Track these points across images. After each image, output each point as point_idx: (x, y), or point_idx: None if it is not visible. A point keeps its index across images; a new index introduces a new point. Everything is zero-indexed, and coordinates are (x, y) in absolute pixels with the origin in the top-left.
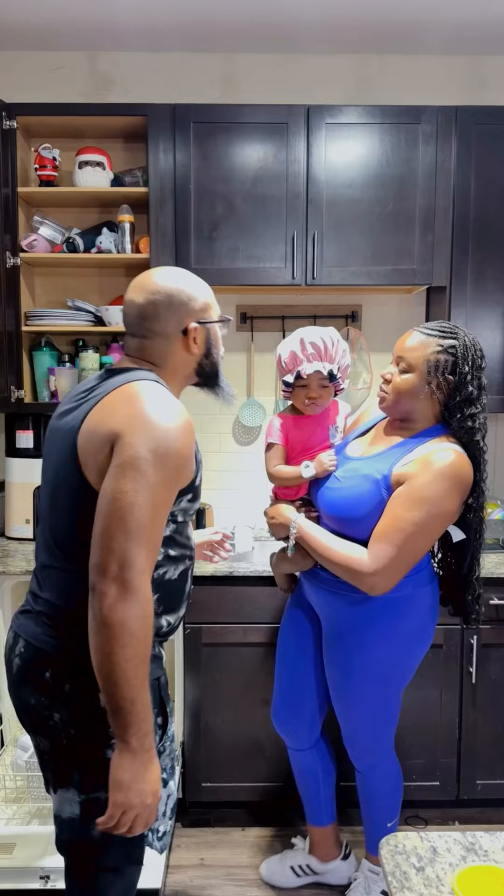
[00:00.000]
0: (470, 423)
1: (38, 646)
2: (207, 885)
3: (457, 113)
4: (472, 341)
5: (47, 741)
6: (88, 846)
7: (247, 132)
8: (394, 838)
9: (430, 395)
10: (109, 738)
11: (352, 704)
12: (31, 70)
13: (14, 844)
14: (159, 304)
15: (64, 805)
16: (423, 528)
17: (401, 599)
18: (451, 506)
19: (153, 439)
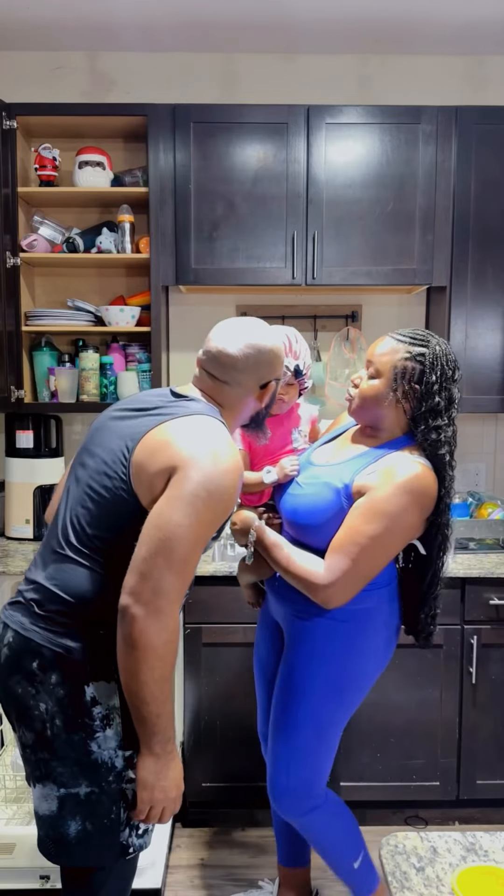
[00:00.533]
0: (434, 436)
1: (27, 636)
2: (207, 885)
3: (457, 113)
4: (444, 351)
5: (31, 732)
6: (64, 844)
7: (247, 132)
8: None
9: (395, 403)
10: (94, 732)
11: (294, 728)
12: (31, 70)
13: (14, 844)
14: (252, 359)
15: (41, 801)
16: (380, 543)
17: (361, 612)
18: (412, 520)
19: (211, 481)
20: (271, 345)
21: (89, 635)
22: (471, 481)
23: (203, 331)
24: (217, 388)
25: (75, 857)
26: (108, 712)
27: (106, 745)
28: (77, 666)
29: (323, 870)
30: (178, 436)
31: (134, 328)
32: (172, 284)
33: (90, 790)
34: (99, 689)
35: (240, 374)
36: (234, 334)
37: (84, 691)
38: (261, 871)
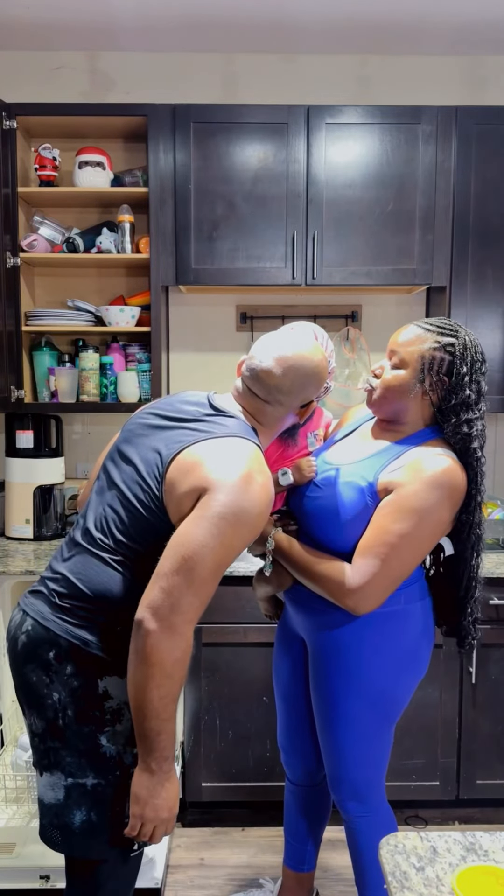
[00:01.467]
0: (466, 430)
1: (46, 625)
2: (207, 885)
3: (457, 113)
4: (473, 342)
5: (42, 721)
6: (68, 833)
7: (247, 132)
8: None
9: (421, 395)
10: (104, 725)
11: (337, 737)
12: (31, 70)
13: (14, 844)
14: (298, 382)
15: (47, 790)
16: (411, 541)
17: (390, 616)
18: (443, 516)
19: (240, 505)
20: (316, 365)
21: (107, 630)
22: None
23: (203, 331)
24: (259, 407)
25: (78, 848)
26: (120, 707)
27: (115, 741)
28: (92, 659)
29: (323, 870)
30: (212, 458)
31: (134, 328)
32: (172, 284)
33: (97, 782)
34: (112, 684)
35: (284, 396)
36: (280, 353)
37: (97, 684)
38: (261, 871)
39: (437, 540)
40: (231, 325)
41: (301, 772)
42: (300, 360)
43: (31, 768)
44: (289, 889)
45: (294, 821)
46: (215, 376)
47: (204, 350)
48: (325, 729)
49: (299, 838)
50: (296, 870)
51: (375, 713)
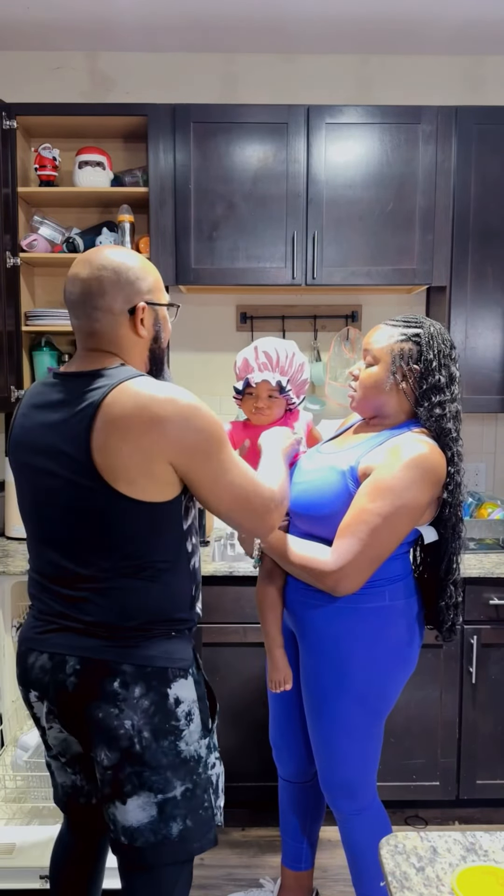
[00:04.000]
0: (439, 411)
1: (100, 658)
2: (207, 885)
3: (457, 113)
4: (438, 330)
5: (116, 752)
6: (167, 845)
7: (247, 132)
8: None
9: (396, 387)
10: (181, 731)
11: (327, 735)
12: (31, 70)
13: (14, 844)
14: (105, 279)
15: (136, 812)
16: (388, 520)
17: (376, 612)
18: (419, 497)
19: (206, 422)
20: (125, 262)
21: (164, 638)
22: (471, 481)
23: (203, 331)
24: (92, 333)
25: (179, 853)
26: (190, 708)
27: (191, 740)
28: (159, 673)
29: (323, 870)
30: (132, 415)
31: None
32: (172, 284)
33: (185, 787)
34: (180, 688)
35: (99, 300)
36: (84, 259)
37: (168, 695)
38: (261, 871)
39: (414, 520)
40: (231, 325)
41: (293, 768)
42: (101, 259)
43: (31, 768)
44: (288, 889)
45: (289, 818)
46: (215, 376)
47: (204, 350)
48: (315, 727)
49: (295, 836)
50: (294, 869)
51: (364, 710)
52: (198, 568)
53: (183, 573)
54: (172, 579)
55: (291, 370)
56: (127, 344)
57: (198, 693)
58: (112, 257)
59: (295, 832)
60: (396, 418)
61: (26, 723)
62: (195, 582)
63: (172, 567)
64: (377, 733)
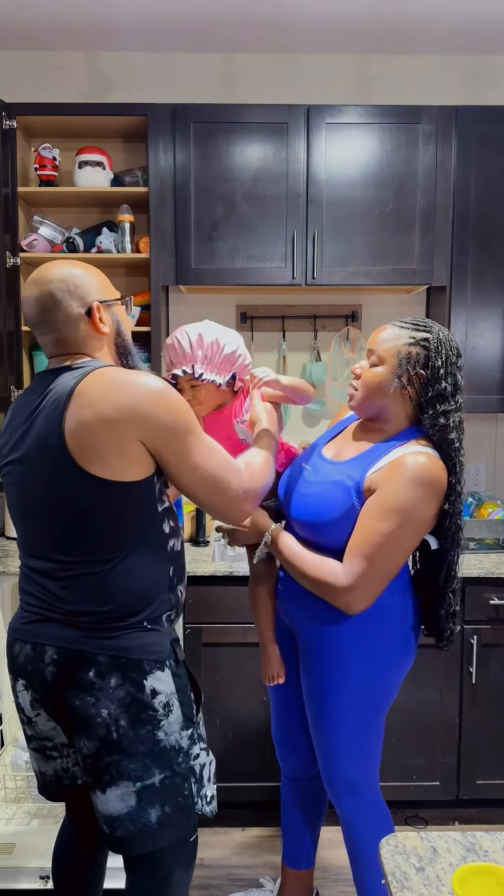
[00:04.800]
0: (443, 421)
1: (77, 648)
2: (207, 885)
3: (457, 113)
4: (447, 337)
5: (95, 741)
6: (147, 832)
7: (247, 132)
8: (394, 838)
9: (400, 391)
10: (159, 721)
11: (328, 733)
12: (31, 70)
13: (14, 844)
14: (56, 291)
15: (115, 802)
16: (396, 540)
17: (374, 610)
18: (426, 513)
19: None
20: (67, 272)
21: (138, 630)
22: (471, 481)
23: None
24: (58, 342)
25: (158, 840)
26: (168, 699)
27: (171, 730)
28: (134, 664)
29: (323, 870)
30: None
31: (134, 328)
32: (172, 284)
33: (163, 776)
34: (157, 679)
35: (57, 312)
36: (31, 280)
37: (144, 686)
38: (261, 871)
39: (422, 535)
40: (231, 326)
41: (295, 765)
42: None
43: (31, 768)
44: (288, 888)
45: (291, 816)
46: None
47: None
48: (316, 724)
49: (296, 834)
50: (294, 867)
51: (365, 706)
52: (178, 550)
53: (160, 555)
54: (149, 561)
55: (201, 352)
56: (93, 344)
57: (177, 685)
58: (54, 271)
59: (296, 830)
60: (397, 424)
61: None
62: (175, 564)
63: (149, 549)
64: (379, 729)
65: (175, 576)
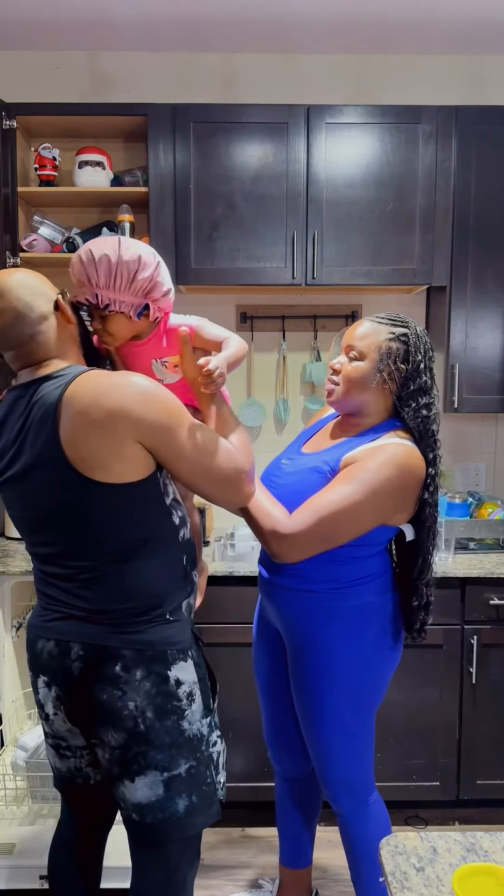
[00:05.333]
0: (425, 413)
1: (102, 643)
2: (207, 885)
3: (457, 113)
4: (423, 332)
5: (123, 732)
6: (175, 820)
7: (247, 132)
8: (394, 838)
9: (380, 385)
10: (183, 711)
11: (320, 733)
12: (31, 70)
13: (14, 844)
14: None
15: (144, 790)
16: (352, 508)
17: (358, 608)
18: (390, 495)
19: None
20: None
21: (160, 623)
22: (471, 481)
23: None
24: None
25: (186, 828)
26: (191, 689)
27: (194, 719)
28: (158, 656)
29: (323, 870)
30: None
31: None
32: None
33: (189, 765)
34: (180, 670)
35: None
36: None
37: (168, 677)
38: (261, 871)
39: (379, 516)
40: (231, 326)
41: (289, 765)
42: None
43: (31, 769)
44: (287, 888)
45: (287, 816)
46: None
47: None
48: (307, 725)
49: (293, 834)
50: (292, 867)
51: (354, 704)
52: (189, 538)
53: (173, 546)
54: (164, 555)
55: (106, 277)
56: (60, 343)
57: (198, 674)
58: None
59: (293, 830)
60: (376, 418)
61: (26, 723)
62: (187, 552)
63: (162, 543)
64: (370, 726)
65: (188, 563)
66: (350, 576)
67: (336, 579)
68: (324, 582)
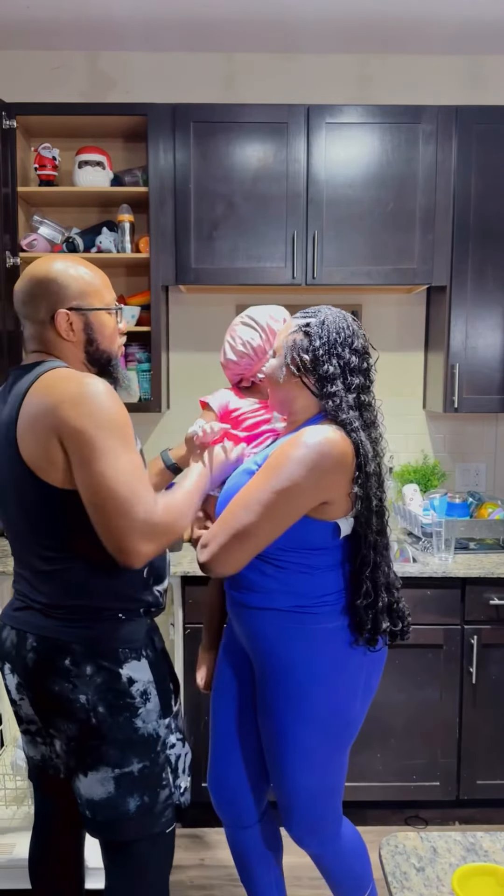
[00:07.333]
0: (335, 402)
1: (54, 636)
2: (207, 886)
3: (457, 113)
4: (334, 318)
5: (75, 725)
6: (126, 820)
7: (247, 132)
8: (394, 838)
9: (291, 378)
10: (137, 709)
11: (288, 769)
12: (31, 70)
13: (14, 845)
14: (29, 289)
15: (96, 786)
16: (258, 495)
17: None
18: (303, 480)
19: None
20: (48, 274)
21: (111, 620)
22: (471, 481)
23: (203, 331)
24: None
25: (138, 829)
26: (146, 688)
27: (149, 718)
28: (108, 652)
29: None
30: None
31: (134, 328)
32: (172, 284)
33: (142, 765)
34: (133, 669)
35: (28, 309)
36: (23, 273)
37: (120, 675)
38: None
39: (292, 504)
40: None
41: (241, 810)
42: (30, 271)
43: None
44: None
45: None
46: (215, 376)
47: (204, 350)
48: (272, 758)
49: (257, 883)
50: None
51: (327, 739)
52: None
53: None
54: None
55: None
56: (58, 346)
57: (155, 675)
58: (38, 269)
59: (256, 880)
60: (306, 413)
61: None
62: (149, 566)
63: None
64: (342, 763)
65: (151, 577)
66: (312, 591)
67: (298, 594)
68: (285, 596)
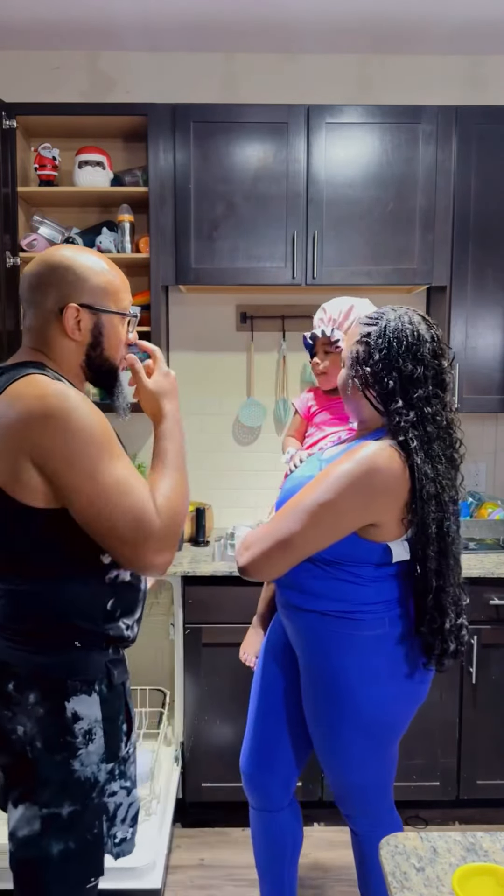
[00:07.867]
0: (396, 420)
1: (1, 658)
2: (207, 886)
3: (457, 113)
4: (396, 325)
5: (9, 756)
6: (46, 863)
7: (247, 132)
8: (394, 838)
9: (356, 391)
10: (76, 750)
11: (338, 766)
12: (31, 70)
13: None
14: (43, 274)
15: (21, 822)
16: (307, 511)
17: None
18: (348, 498)
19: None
20: (70, 262)
21: (64, 649)
22: (471, 481)
23: (203, 331)
24: (28, 328)
25: (57, 876)
26: (91, 727)
27: (88, 761)
28: (56, 683)
29: (324, 870)
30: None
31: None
32: (172, 284)
33: (73, 809)
34: (80, 704)
35: (34, 294)
36: (37, 257)
37: (65, 708)
38: None
39: (339, 520)
40: (231, 325)
41: (272, 792)
42: (48, 255)
43: None
44: None
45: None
46: (215, 376)
47: (204, 350)
48: (325, 758)
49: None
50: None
51: (368, 740)
52: (126, 582)
53: (92, 585)
54: (77, 589)
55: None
56: (57, 344)
57: (105, 713)
58: (55, 255)
59: (275, 867)
60: (373, 422)
61: None
62: (118, 596)
63: (79, 577)
64: (390, 757)
65: (117, 608)
66: (358, 598)
67: (343, 600)
68: (330, 601)
